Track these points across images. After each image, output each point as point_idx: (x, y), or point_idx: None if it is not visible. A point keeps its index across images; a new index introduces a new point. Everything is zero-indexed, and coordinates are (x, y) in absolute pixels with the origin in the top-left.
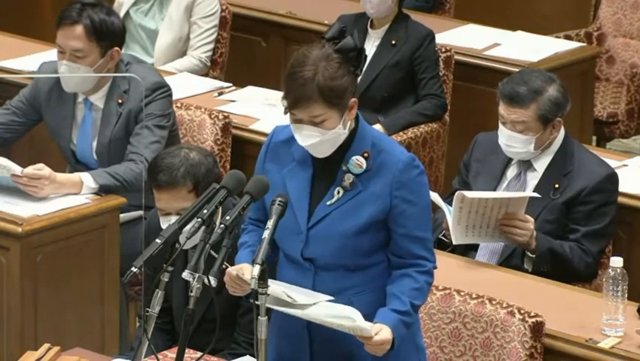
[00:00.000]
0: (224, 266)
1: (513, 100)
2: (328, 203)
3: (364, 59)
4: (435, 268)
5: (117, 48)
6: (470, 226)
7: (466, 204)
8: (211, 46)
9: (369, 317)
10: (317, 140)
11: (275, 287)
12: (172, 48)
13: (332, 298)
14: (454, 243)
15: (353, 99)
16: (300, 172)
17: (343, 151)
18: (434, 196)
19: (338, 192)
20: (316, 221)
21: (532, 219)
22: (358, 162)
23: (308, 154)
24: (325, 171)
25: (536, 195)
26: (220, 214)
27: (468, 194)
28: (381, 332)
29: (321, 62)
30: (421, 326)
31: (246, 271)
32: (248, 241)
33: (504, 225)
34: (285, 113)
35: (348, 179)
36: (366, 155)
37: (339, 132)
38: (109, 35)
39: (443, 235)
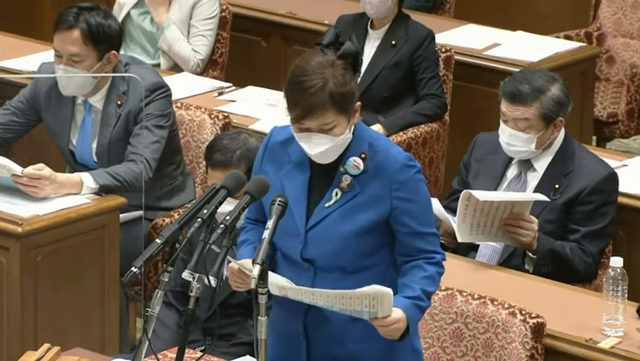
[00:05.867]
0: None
1: (516, 98)
2: (326, 205)
3: (361, 60)
4: (444, 259)
5: (114, 52)
6: (474, 224)
7: (472, 203)
8: (207, 49)
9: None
10: (327, 147)
11: (277, 277)
12: None
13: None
14: (459, 241)
15: (358, 103)
16: (298, 174)
17: (341, 153)
18: (434, 202)
19: (336, 194)
20: (315, 223)
21: (536, 220)
22: (355, 163)
23: (305, 156)
24: (323, 172)
25: (544, 197)
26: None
27: (476, 194)
28: (393, 313)
29: (327, 70)
30: (419, 330)
31: (248, 265)
32: (248, 239)
33: (509, 225)
34: (293, 123)
35: (346, 180)
36: (363, 156)
37: (346, 137)
38: (106, 39)
39: (442, 240)
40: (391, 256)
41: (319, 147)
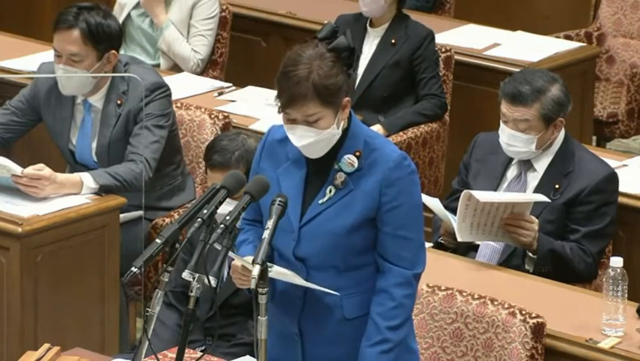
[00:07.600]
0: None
1: (516, 99)
2: (320, 202)
3: (356, 58)
4: (418, 273)
5: (113, 51)
6: (474, 224)
7: (472, 203)
8: (207, 49)
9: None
10: (311, 140)
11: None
12: None
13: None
14: (459, 240)
15: (346, 98)
16: (294, 171)
17: (336, 150)
18: (435, 202)
19: (330, 191)
20: (308, 220)
21: (537, 221)
22: (349, 161)
23: (302, 153)
24: (319, 170)
25: (544, 198)
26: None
27: (477, 195)
28: None
29: (314, 61)
30: (414, 329)
31: (250, 261)
32: (247, 238)
33: (509, 224)
34: (279, 112)
35: (340, 178)
36: (358, 154)
37: (333, 132)
38: (106, 39)
39: (442, 240)
40: None
41: (303, 140)
